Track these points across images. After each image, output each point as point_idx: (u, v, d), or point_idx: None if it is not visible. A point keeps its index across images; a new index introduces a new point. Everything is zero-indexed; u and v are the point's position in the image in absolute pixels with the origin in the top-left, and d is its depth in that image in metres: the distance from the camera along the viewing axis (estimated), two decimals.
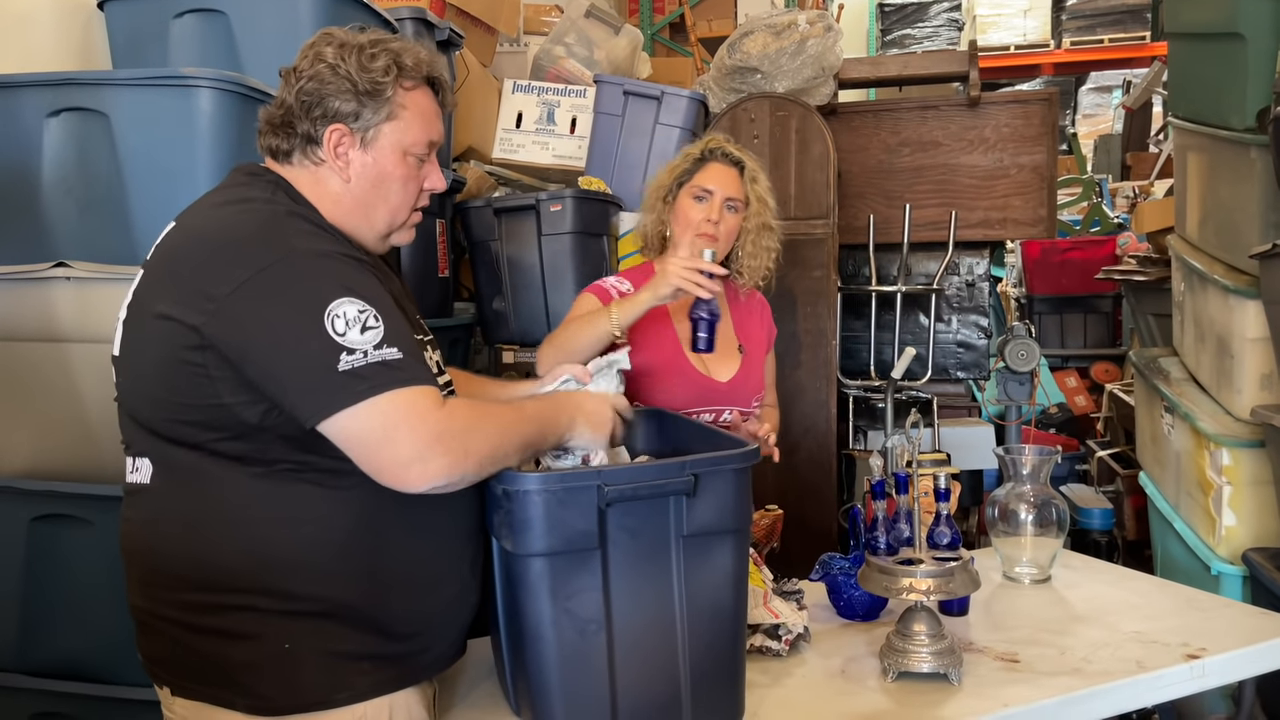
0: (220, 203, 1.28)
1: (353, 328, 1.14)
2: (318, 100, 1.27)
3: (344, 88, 1.27)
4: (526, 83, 3.19)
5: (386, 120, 1.30)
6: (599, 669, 1.26)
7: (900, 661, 1.49)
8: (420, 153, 1.34)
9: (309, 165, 1.31)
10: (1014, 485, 1.91)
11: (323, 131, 1.28)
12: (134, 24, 2.14)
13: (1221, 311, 2.57)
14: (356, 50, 1.28)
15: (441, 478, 1.17)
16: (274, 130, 1.31)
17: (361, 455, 1.16)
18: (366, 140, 1.30)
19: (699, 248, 1.86)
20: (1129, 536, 3.70)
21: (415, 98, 1.32)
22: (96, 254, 1.77)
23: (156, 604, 1.25)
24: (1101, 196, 6.10)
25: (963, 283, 3.43)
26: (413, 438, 1.14)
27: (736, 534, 1.32)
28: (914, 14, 8.16)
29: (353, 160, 1.30)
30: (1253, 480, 2.38)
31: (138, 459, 1.27)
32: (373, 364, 1.13)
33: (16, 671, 1.77)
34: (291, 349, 1.14)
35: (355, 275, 1.20)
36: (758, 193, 2.03)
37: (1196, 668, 1.53)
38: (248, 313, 1.15)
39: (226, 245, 1.20)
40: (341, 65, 1.27)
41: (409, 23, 2.51)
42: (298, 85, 1.28)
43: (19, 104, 1.81)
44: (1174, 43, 3.06)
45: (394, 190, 1.33)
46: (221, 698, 1.21)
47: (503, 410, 1.31)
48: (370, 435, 1.14)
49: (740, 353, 2.07)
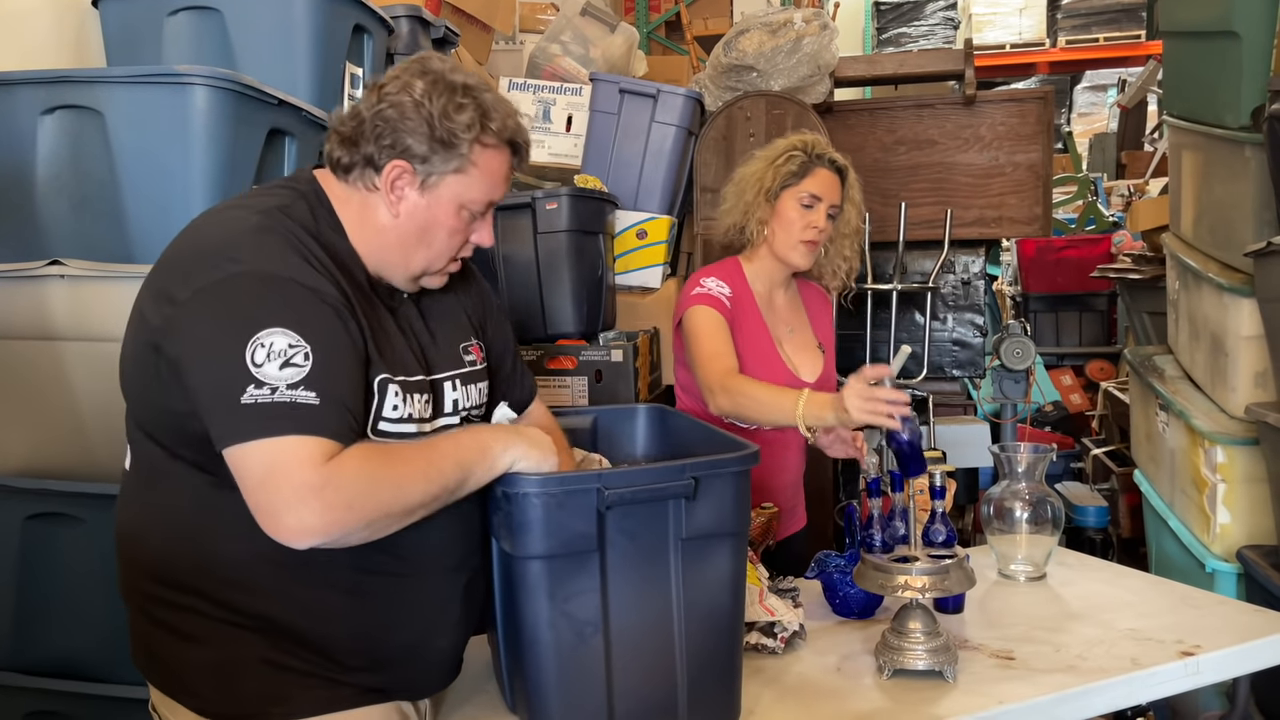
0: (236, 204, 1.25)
1: (273, 361, 1.08)
2: (391, 130, 1.22)
3: (420, 128, 1.22)
4: (522, 81, 3.19)
5: (453, 172, 1.24)
6: (596, 671, 1.25)
7: (895, 659, 1.49)
8: (477, 210, 1.29)
9: (361, 189, 1.26)
10: (1009, 483, 1.91)
11: (385, 161, 1.23)
12: (128, 21, 2.13)
13: (1216, 309, 2.57)
14: (447, 93, 1.23)
15: (318, 534, 1.07)
16: (341, 142, 1.26)
17: (245, 490, 1.09)
18: (427, 185, 1.24)
19: (873, 376, 1.67)
20: (1124, 534, 3.71)
21: (489, 157, 1.26)
22: (91, 252, 1.76)
23: (128, 589, 1.27)
24: (1096, 195, 6.11)
25: (958, 281, 3.43)
26: (289, 487, 1.05)
27: (735, 537, 1.32)
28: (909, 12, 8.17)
29: (407, 198, 1.25)
30: (1247, 478, 2.38)
31: (128, 445, 1.28)
32: (278, 403, 1.07)
33: (11, 670, 1.76)
34: (207, 368, 1.10)
35: (307, 308, 1.13)
36: (853, 198, 2.08)
37: (1191, 665, 1.53)
38: (191, 322, 1.11)
39: (201, 250, 1.17)
40: (425, 105, 1.22)
41: (404, 20, 2.51)
42: (377, 107, 1.23)
43: (13, 101, 1.80)
44: (1169, 41, 3.07)
45: (439, 239, 1.28)
46: (174, 693, 1.23)
47: (410, 456, 1.16)
48: (251, 476, 1.07)
49: (821, 351, 2.14)
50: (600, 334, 2.79)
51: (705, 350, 1.92)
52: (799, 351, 2.10)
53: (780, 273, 2.09)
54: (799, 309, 2.16)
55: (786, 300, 2.14)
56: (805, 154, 2.02)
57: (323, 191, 1.27)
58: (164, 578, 1.22)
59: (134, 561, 1.26)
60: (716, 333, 1.94)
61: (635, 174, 3.07)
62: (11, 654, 1.77)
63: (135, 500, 1.26)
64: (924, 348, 3.25)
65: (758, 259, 2.09)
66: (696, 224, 3.22)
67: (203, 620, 1.19)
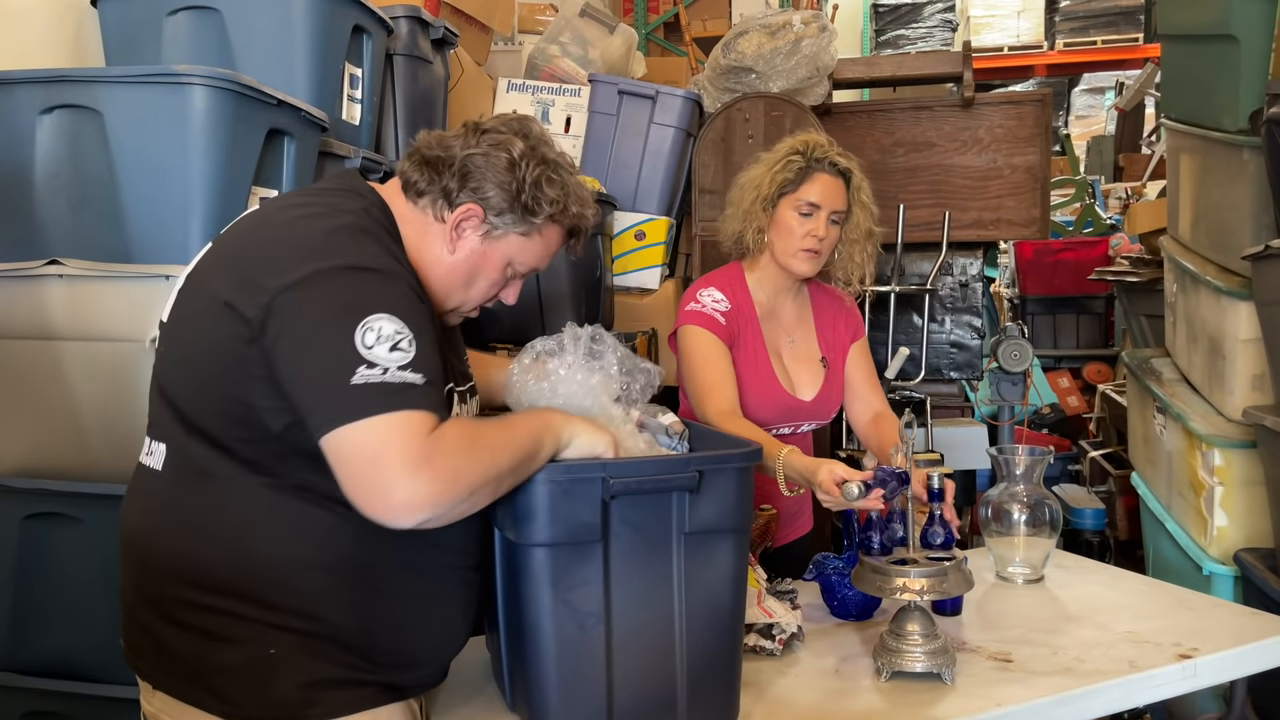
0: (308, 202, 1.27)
1: (382, 344, 1.10)
2: (479, 175, 1.28)
3: (508, 184, 1.28)
4: (521, 81, 3.19)
5: (520, 234, 1.32)
6: (596, 662, 1.26)
7: (894, 661, 1.49)
8: (520, 272, 1.37)
9: (427, 216, 1.30)
10: (1007, 485, 1.92)
11: (463, 201, 1.28)
12: (127, 21, 2.13)
13: (1214, 312, 2.58)
14: (542, 165, 1.30)
15: (428, 505, 1.09)
16: (422, 164, 1.30)
17: (348, 473, 1.10)
18: (490, 236, 1.31)
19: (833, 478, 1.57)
20: (1121, 537, 3.71)
21: (553, 232, 1.35)
22: (89, 251, 1.76)
23: (145, 592, 1.24)
24: (1094, 197, 6.12)
25: (956, 283, 3.44)
26: (399, 460, 1.07)
27: (737, 533, 1.33)
28: (908, 14, 8.19)
29: (467, 240, 1.30)
30: (1244, 481, 2.39)
31: (155, 443, 1.25)
32: (389, 383, 1.09)
33: (8, 670, 1.76)
34: (316, 353, 1.11)
35: (406, 301, 1.17)
36: (862, 200, 1.98)
37: (1188, 667, 1.53)
38: (292, 309, 1.12)
39: (296, 242, 1.18)
40: (520, 169, 1.28)
41: (404, 21, 2.51)
42: (472, 150, 1.28)
43: (12, 101, 1.79)
44: (1167, 44, 3.07)
45: (481, 286, 1.34)
46: (196, 698, 1.20)
47: (493, 428, 1.22)
48: (360, 453, 1.08)
49: (823, 366, 2.04)
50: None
51: (701, 382, 1.87)
52: (799, 364, 2.02)
53: (785, 280, 2.01)
54: (805, 318, 2.08)
55: (792, 308, 2.06)
56: (804, 158, 1.93)
57: (387, 206, 1.30)
58: (198, 581, 1.20)
59: (156, 563, 1.23)
60: (711, 360, 1.88)
61: (634, 175, 3.07)
62: (9, 654, 1.76)
63: (164, 502, 1.23)
64: (922, 349, 3.25)
65: (760, 266, 2.02)
66: (695, 225, 3.22)
67: (243, 622, 1.18)
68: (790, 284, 2.03)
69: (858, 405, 2.08)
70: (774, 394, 1.96)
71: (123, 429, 1.69)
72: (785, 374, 2.00)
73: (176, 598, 1.21)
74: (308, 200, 1.27)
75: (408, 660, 1.26)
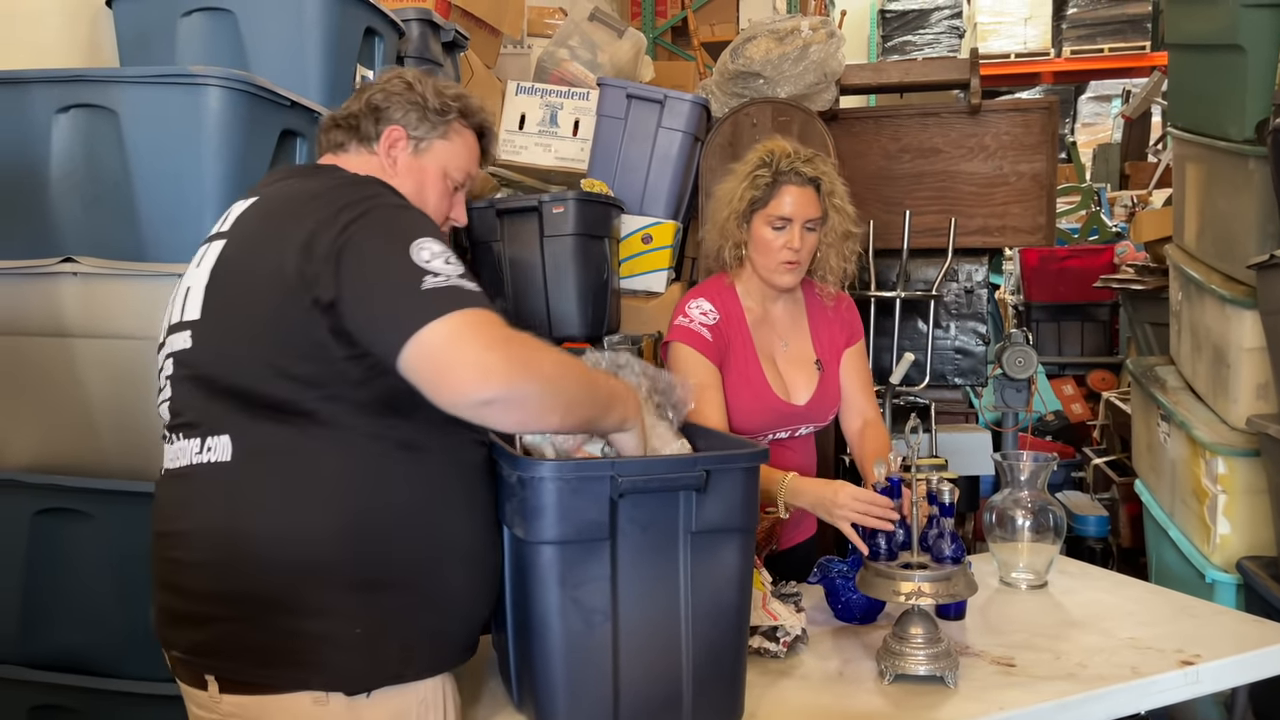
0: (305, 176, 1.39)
1: (437, 259, 1.20)
2: (386, 106, 1.42)
3: (414, 100, 1.42)
4: (530, 85, 3.20)
5: (441, 138, 1.45)
6: (603, 660, 1.27)
7: (897, 664, 1.50)
8: (457, 180, 1.48)
9: (363, 152, 1.43)
10: (1011, 491, 1.92)
11: (383, 130, 1.42)
12: (142, 21, 2.15)
13: (1218, 321, 2.58)
14: (432, 81, 1.46)
15: (498, 379, 1.14)
16: (336, 126, 1.45)
17: (427, 369, 1.15)
18: (419, 149, 1.44)
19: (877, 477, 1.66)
20: (1124, 544, 3.72)
21: (468, 135, 1.48)
22: (103, 250, 1.78)
23: (221, 586, 1.22)
24: (1100, 205, 6.13)
25: (961, 289, 3.44)
26: (478, 339, 1.15)
27: (743, 533, 1.34)
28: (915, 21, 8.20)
29: (401, 162, 1.43)
30: (1247, 489, 2.39)
31: (211, 438, 1.24)
32: (455, 286, 1.18)
33: (17, 664, 1.77)
34: (385, 279, 1.19)
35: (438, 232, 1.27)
36: (835, 204, 1.96)
37: (1190, 674, 1.54)
38: (348, 251, 1.20)
39: (327, 202, 1.25)
40: (418, 85, 1.43)
41: (415, 24, 2.52)
42: (368, 95, 1.43)
43: (28, 100, 1.81)
44: (1174, 53, 3.08)
45: (430, 201, 1.44)
46: (291, 680, 1.20)
47: (577, 363, 1.30)
48: (438, 342, 1.15)
49: (818, 369, 2.03)
50: (605, 337, 2.80)
51: None
52: (793, 368, 2.02)
53: (772, 289, 2.01)
54: (799, 321, 2.07)
55: (784, 312, 2.06)
56: (771, 171, 1.91)
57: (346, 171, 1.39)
58: (289, 558, 1.20)
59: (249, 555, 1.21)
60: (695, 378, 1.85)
61: (641, 179, 3.08)
62: (18, 648, 1.78)
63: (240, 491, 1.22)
64: (926, 355, 3.26)
65: (745, 278, 2.02)
66: (701, 229, 3.23)
67: (339, 590, 1.20)
68: (778, 291, 2.03)
69: (849, 412, 2.09)
70: (767, 400, 1.96)
71: (135, 426, 1.71)
72: (779, 379, 2.00)
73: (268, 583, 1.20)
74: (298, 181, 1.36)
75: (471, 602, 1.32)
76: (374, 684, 1.22)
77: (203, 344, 1.27)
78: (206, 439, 1.24)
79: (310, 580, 1.20)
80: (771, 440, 2.01)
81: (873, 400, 2.10)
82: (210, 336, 1.27)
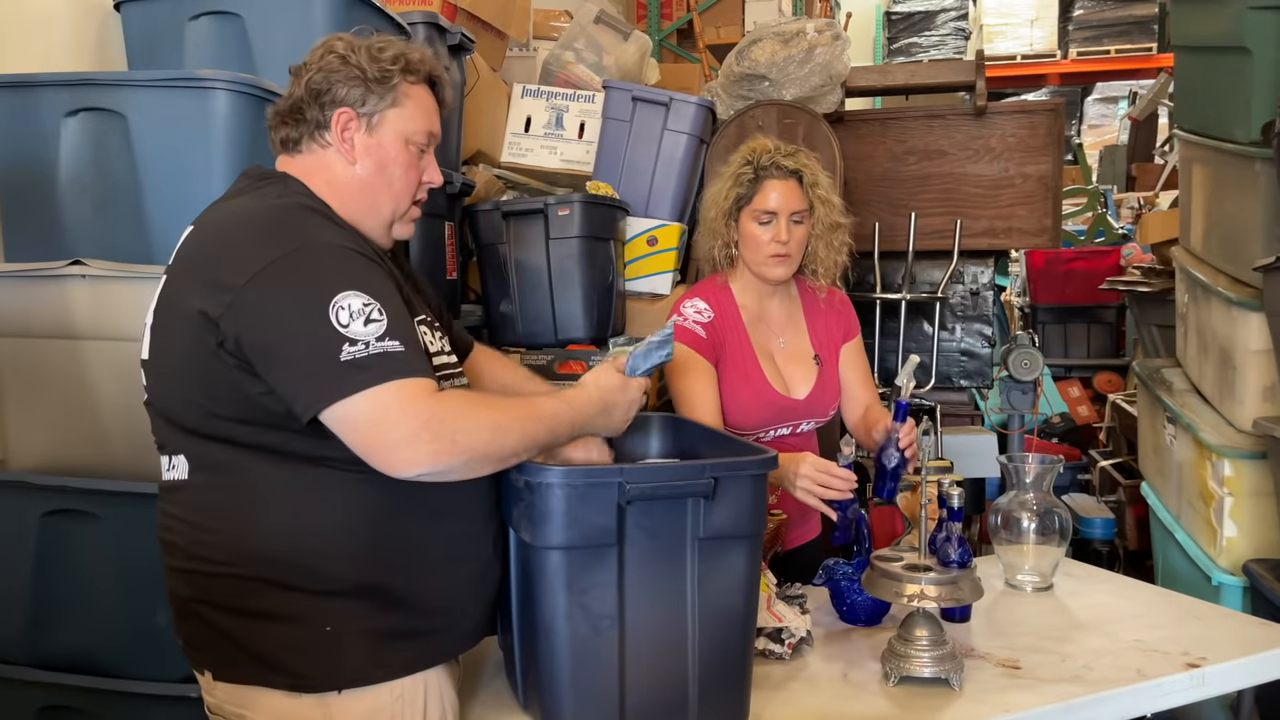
0: (235, 202, 1.33)
1: (356, 320, 1.17)
2: (327, 88, 1.34)
3: (353, 75, 1.34)
4: (536, 87, 3.21)
5: (391, 106, 1.36)
6: (610, 665, 1.28)
7: (902, 666, 1.50)
8: (420, 143, 1.40)
9: (316, 149, 1.36)
10: (1017, 493, 1.92)
11: (331, 115, 1.34)
12: (150, 25, 2.16)
13: (1225, 323, 2.58)
14: (365, 46, 1.36)
15: (426, 464, 1.17)
16: (283, 121, 1.37)
17: (355, 440, 1.18)
18: (372, 125, 1.36)
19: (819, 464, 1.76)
20: (1130, 546, 3.71)
21: (418, 91, 1.39)
22: (112, 252, 1.78)
23: (197, 591, 1.28)
24: (1106, 207, 6.11)
25: (967, 291, 3.44)
26: (401, 423, 1.16)
27: (751, 539, 1.34)
28: (921, 22, 8.19)
29: (358, 144, 1.35)
30: (1254, 492, 2.38)
31: (173, 457, 1.30)
32: (374, 355, 1.16)
33: (25, 664, 1.78)
34: (296, 338, 1.17)
35: (362, 269, 1.23)
36: (820, 195, 2.00)
37: (1196, 677, 1.54)
38: (258, 302, 1.18)
39: (243, 238, 1.24)
40: (352, 56, 1.34)
41: (421, 27, 2.53)
42: (307, 76, 1.35)
43: (37, 103, 1.82)
44: (1180, 56, 3.08)
45: (396, 176, 1.38)
46: (263, 677, 1.25)
47: (508, 406, 1.29)
48: (363, 420, 1.16)
49: (816, 364, 2.06)
50: (610, 339, 2.80)
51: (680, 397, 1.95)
52: (791, 364, 2.05)
53: (766, 285, 2.04)
54: (795, 318, 2.10)
55: (780, 309, 2.09)
56: (753, 168, 1.96)
57: (291, 176, 1.36)
58: (249, 569, 1.24)
59: (206, 564, 1.27)
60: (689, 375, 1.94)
61: (647, 181, 3.08)
62: (27, 648, 1.78)
63: (200, 507, 1.28)
64: (932, 358, 3.26)
65: (739, 276, 2.06)
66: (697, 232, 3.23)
67: (298, 597, 1.23)
68: (773, 288, 2.07)
69: (850, 404, 2.13)
70: (765, 395, 1.99)
71: (142, 428, 1.69)
72: (777, 374, 2.03)
73: (230, 589, 1.25)
74: (235, 200, 1.33)
75: (451, 602, 1.32)
76: (341, 684, 1.25)
77: (153, 382, 1.32)
78: (171, 458, 1.30)
79: (272, 590, 1.24)
80: (774, 438, 2.02)
81: (873, 391, 2.14)
82: (156, 377, 1.31)
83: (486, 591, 1.38)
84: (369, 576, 1.26)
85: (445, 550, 1.31)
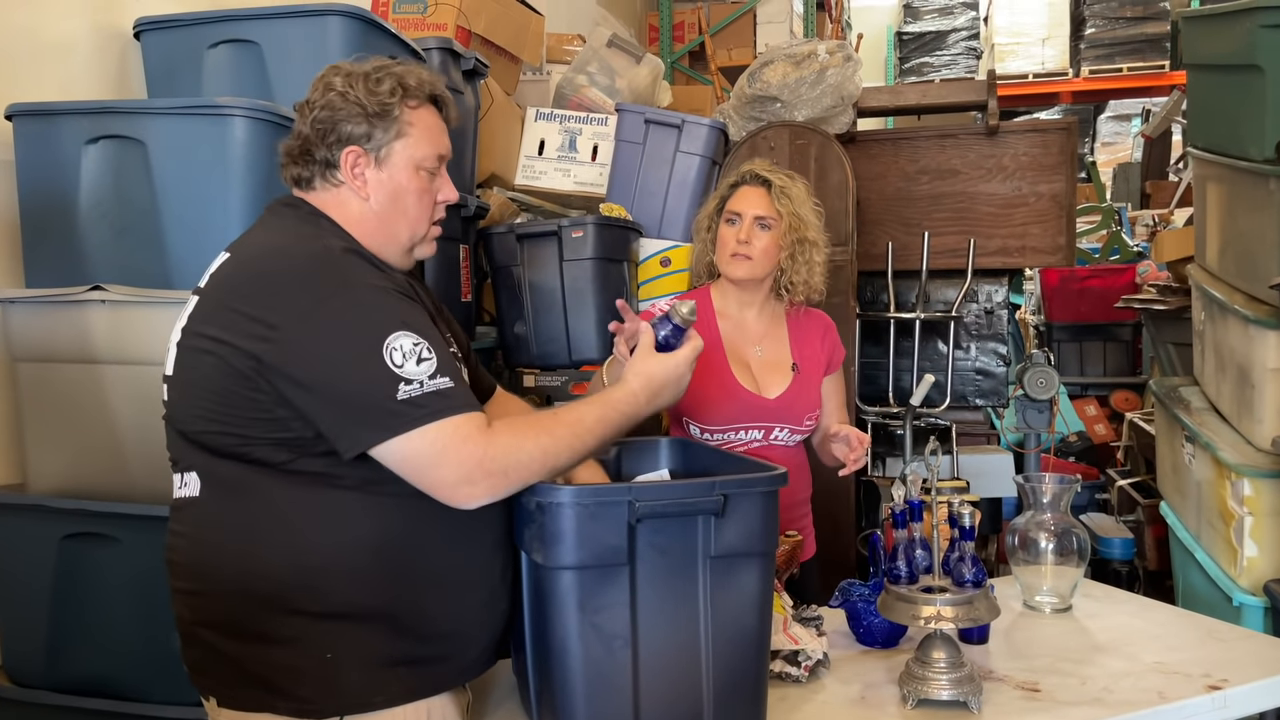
0: (272, 237, 1.35)
1: (409, 359, 1.21)
2: (331, 127, 1.35)
3: (354, 112, 1.35)
4: (549, 111, 3.23)
5: (397, 138, 1.37)
6: (623, 685, 1.27)
7: (919, 689, 1.49)
8: (431, 166, 1.41)
9: (330, 187, 1.38)
10: (1034, 513, 1.91)
11: (339, 155, 1.36)
12: (169, 54, 2.19)
13: (1242, 341, 2.56)
14: (363, 77, 1.36)
15: (484, 498, 1.24)
16: (294, 160, 1.39)
17: (414, 477, 1.23)
18: (380, 159, 1.37)
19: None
20: (1150, 566, 3.67)
21: (421, 115, 1.40)
22: (131, 278, 1.81)
23: (200, 614, 1.29)
24: (1121, 225, 6.09)
25: (981, 310, 3.44)
26: (459, 463, 1.21)
27: (763, 557, 1.34)
28: (932, 42, 8.22)
29: (370, 179, 1.37)
30: (1274, 511, 2.36)
31: (185, 474, 1.31)
32: (429, 393, 1.21)
33: (44, 688, 1.79)
34: (350, 378, 1.21)
35: (407, 309, 1.27)
36: (789, 208, 2.06)
37: (1218, 699, 1.52)
38: (310, 342, 1.21)
39: (288, 278, 1.25)
40: (350, 92, 1.35)
41: (436, 52, 2.56)
42: (311, 115, 1.37)
43: (58, 131, 1.86)
44: (1193, 73, 3.08)
45: (410, 204, 1.40)
46: (265, 703, 1.25)
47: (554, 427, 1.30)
48: (422, 458, 1.21)
49: (793, 370, 2.11)
50: None
51: None
52: (766, 370, 2.10)
53: (745, 293, 2.11)
54: (776, 331, 2.15)
55: (759, 319, 2.14)
56: (734, 179, 2.11)
57: (316, 208, 1.38)
58: (253, 590, 1.25)
59: (209, 585, 1.28)
60: None
61: (659, 203, 3.09)
62: (46, 672, 1.79)
63: (208, 524, 1.29)
64: (947, 377, 3.25)
65: (720, 285, 2.16)
66: None
67: (300, 621, 1.24)
68: (752, 297, 2.12)
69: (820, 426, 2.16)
70: (732, 391, 2.03)
71: (161, 451, 1.70)
72: (749, 376, 2.08)
73: (233, 611, 1.26)
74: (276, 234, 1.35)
75: (456, 630, 1.32)
76: (342, 711, 1.25)
77: (173, 397, 1.33)
78: (184, 475, 1.32)
79: (276, 611, 1.25)
80: (748, 446, 2.05)
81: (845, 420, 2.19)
82: (177, 393, 1.32)
83: (493, 620, 1.38)
84: (372, 600, 1.26)
85: (452, 576, 1.32)
